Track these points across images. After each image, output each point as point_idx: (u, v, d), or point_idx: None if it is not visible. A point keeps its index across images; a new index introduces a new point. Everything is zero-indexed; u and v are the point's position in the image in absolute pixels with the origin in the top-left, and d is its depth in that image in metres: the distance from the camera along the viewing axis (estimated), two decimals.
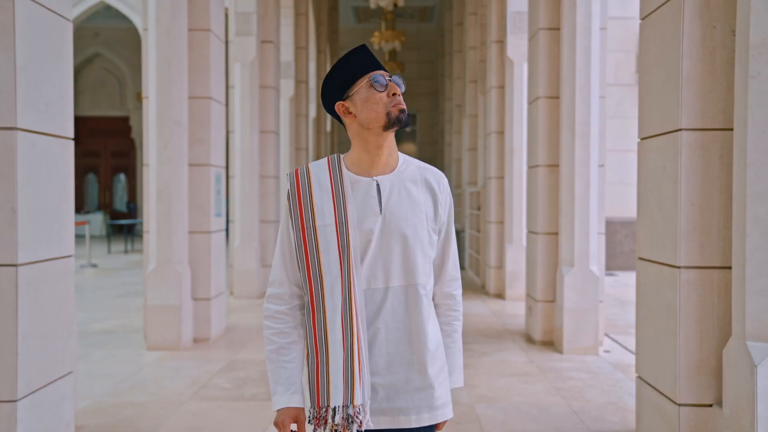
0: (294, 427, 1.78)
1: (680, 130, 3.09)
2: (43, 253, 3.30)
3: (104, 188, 24.63)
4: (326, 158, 1.87)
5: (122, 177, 25.12)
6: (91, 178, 24.52)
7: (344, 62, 1.81)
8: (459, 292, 1.95)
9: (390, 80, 1.79)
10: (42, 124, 3.29)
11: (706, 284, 3.07)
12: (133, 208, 24.30)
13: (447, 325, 1.93)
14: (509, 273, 8.92)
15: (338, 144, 20.78)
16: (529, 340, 6.49)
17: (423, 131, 24.65)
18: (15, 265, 3.09)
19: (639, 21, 3.58)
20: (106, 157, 24.33)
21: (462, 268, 12.22)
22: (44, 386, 3.33)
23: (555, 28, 6.19)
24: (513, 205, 9.00)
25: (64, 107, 3.50)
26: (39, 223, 3.27)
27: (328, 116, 18.36)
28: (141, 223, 21.85)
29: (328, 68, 17.71)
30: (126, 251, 17.09)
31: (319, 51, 15.68)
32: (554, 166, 6.24)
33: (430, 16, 24.21)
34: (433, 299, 1.92)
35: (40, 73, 3.27)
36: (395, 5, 12.83)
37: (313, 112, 14.98)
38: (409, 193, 1.82)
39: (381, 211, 1.78)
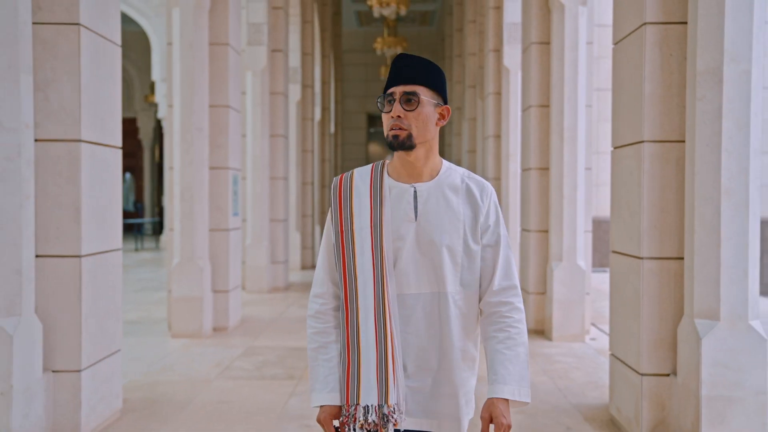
0: (336, 423, 1.83)
1: (643, 141, 3.64)
2: (99, 246, 3.86)
3: None
4: (372, 164, 1.92)
5: (128, 177, 25.64)
6: None
7: (390, 66, 1.84)
8: (516, 300, 1.86)
9: (400, 98, 1.78)
10: (98, 135, 3.85)
11: (664, 272, 3.62)
12: (141, 208, 24.83)
13: (500, 332, 1.85)
14: None
15: (342, 145, 21.30)
16: None
17: None
18: (79, 257, 3.64)
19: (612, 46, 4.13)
20: None
21: None
22: (100, 360, 3.88)
23: (545, 43, 6.73)
24: (509, 206, 9.54)
25: (115, 119, 4.06)
26: (96, 220, 3.83)
27: (332, 118, 18.88)
28: (149, 223, 22.39)
29: (332, 72, 18.27)
30: (137, 249, 17.64)
31: (323, 56, 16.22)
32: (545, 169, 6.78)
33: (430, 20, 24.74)
34: (484, 309, 1.88)
35: (98, 92, 3.83)
36: (397, 14, 13.34)
37: (318, 115, 15.53)
38: (448, 201, 1.83)
39: (416, 218, 1.82)
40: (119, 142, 4.12)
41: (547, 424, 4.14)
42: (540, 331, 6.82)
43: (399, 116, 1.77)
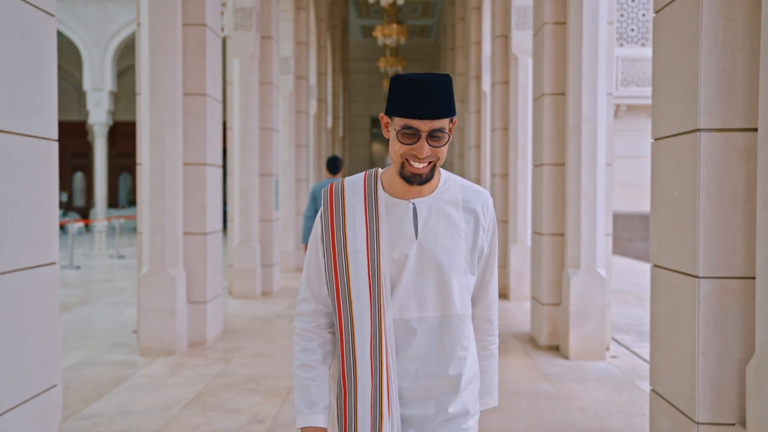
0: None
1: (543, 164, 6.06)
2: (213, 227, 6.30)
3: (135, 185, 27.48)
4: (363, 174, 1.78)
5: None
6: (126, 176, 27.48)
7: (409, 87, 1.61)
8: (496, 317, 1.88)
9: (427, 136, 1.60)
10: (212, 159, 6.28)
11: (555, 242, 6.04)
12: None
13: (483, 350, 1.87)
14: None
15: (349, 147, 23.65)
16: None
17: None
18: (204, 234, 6.09)
19: (533, 101, 6.54)
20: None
21: None
22: (214, 298, 6.33)
23: (505, 82, 9.14)
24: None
25: (218, 148, 6.49)
26: (210, 212, 6.26)
27: (341, 122, 21.28)
28: None
29: (341, 86, 20.66)
30: None
31: (333, 71, 18.63)
32: (505, 175, 9.21)
33: (429, 33, 27.16)
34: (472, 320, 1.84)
35: (212, 133, 6.26)
36: (398, 42, 15.76)
37: (329, 123, 17.95)
38: (448, 217, 1.72)
39: (417, 236, 1.69)
40: (221, 162, 6.56)
41: None
42: (503, 294, 9.23)
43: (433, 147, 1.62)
